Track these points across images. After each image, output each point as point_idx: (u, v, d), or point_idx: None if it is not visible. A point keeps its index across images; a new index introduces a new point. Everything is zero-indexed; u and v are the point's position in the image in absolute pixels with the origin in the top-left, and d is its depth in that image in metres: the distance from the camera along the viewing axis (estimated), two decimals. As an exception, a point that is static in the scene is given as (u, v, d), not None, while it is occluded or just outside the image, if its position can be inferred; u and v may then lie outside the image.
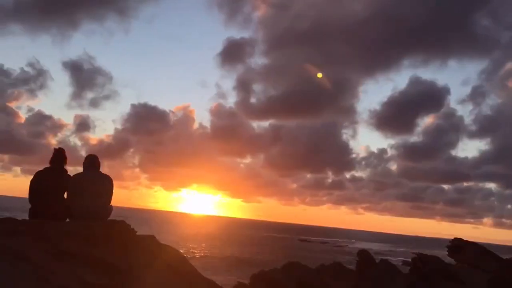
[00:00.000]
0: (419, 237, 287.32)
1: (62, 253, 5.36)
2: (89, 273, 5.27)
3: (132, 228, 6.32)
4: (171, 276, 6.47)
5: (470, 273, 15.27)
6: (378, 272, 15.22)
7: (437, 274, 14.41)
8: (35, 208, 6.43)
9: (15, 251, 5.13)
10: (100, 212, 6.45)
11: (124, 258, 5.76)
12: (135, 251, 6.18)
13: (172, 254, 6.96)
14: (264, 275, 14.78)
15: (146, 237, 6.85)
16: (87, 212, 6.27)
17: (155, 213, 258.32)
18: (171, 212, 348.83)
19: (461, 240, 17.41)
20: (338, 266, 16.58)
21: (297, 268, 15.15)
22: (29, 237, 5.45)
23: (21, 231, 5.52)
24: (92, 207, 6.33)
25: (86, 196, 6.31)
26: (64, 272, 5.12)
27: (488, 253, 16.52)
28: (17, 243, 5.28)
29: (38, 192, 6.42)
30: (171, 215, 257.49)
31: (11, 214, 30.36)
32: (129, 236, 6.23)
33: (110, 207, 6.70)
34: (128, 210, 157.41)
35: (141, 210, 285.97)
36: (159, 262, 6.39)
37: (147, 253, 6.41)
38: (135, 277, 5.75)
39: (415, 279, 14.56)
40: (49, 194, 6.39)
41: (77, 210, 6.30)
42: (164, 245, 7.00)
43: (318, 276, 15.08)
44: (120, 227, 6.19)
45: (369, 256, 16.61)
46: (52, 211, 6.26)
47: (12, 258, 5.01)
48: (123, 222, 6.32)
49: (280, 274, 14.77)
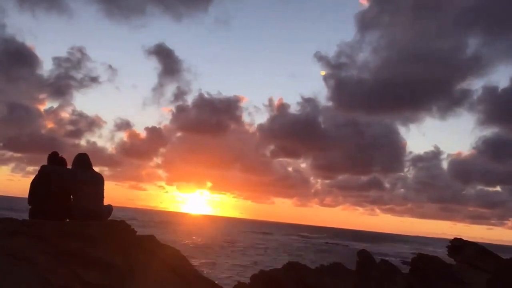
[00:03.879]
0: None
1: (62, 253, 5.36)
2: (89, 273, 5.27)
3: (132, 228, 6.33)
4: (171, 276, 6.47)
5: (470, 273, 15.27)
6: (378, 272, 15.21)
7: (437, 274, 14.41)
8: (35, 208, 6.43)
9: (15, 251, 5.13)
10: (100, 212, 6.45)
11: (124, 258, 5.77)
12: (135, 251, 6.18)
13: (172, 254, 6.97)
14: (264, 275, 14.78)
15: (146, 237, 6.85)
16: (87, 212, 6.27)
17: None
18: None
19: (461, 240, 17.41)
20: (338, 266, 16.57)
21: (297, 268, 15.16)
22: (29, 237, 5.45)
23: (21, 231, 5.52)
24: (92, 207, 6.33)
25: (86, 196, 6.31)
26: (64, 272, 5.12)
27: (488, 253, 16.51)
28: (17, 243, 5.29)
29: (38, 193, 6.42)
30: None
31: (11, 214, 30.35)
32: (129, 236, 6.23)
33: (110, 207, 6.69)
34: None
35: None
36: (159, 262, 6.39)
37: (147, 253, 6.41)
38: (135, 277, 5.75)
39: (415, 279, 14.56)
40: (49, 194, 6.39)
41: (77, 210, 6.30)
42: (164, 245, 7.00)
43: (318, 276, 15.08)
44: (120, 227, 6.19)
45: (369, 256, 16.61)
46: (52, 211, 6.26)
47: (12, 258, 5.02)
48: (123, 222, 6.32)
49: (280, 274, 14.77)
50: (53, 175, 6.45)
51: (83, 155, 6.58)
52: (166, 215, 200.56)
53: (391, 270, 15.57)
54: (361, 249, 17.81)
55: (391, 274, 15.18)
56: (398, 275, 15.35)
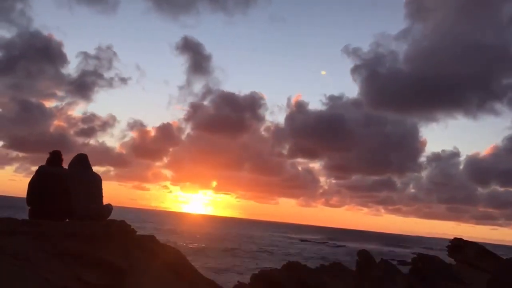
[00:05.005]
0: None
1: (62, 253, 5.36)
2: (89, 273, 5.27)
3: (132, 228, 6.32)
4: (171, 276, 6.47)
5: (470, 273, 15.27)
6: (378, 272, 15.21)
7: (437, 274, 14.41)
8: (35, 208, 6.43)
9: (15, 251, 5.13)
10: (100, 212, 6.45)
11: (124, 258, 5.76)
12: (135, 251, 6.18)
13: (172, 254, 6.97)
14: (264, 275, 14.77)
15: (146, 237, 6.85)
16: (87, 212, 6.27)
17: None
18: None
19: (461, 240, 17.42)
20: (338, 266, 16.57)
21: (297, 268, 15.15)
22: (29, 237, 5.45)
23: (21, 231, 5.52)
24: (92, 207, 6.33)
25: (85, 196, 6.31)
26: (64, 272, 5.12)
27: (488, 253, 16.52)
28: (17, 243, 5.29)
29: (37, 193, 6.41)
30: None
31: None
32: (129, 236, 6.23)
33: (110, 207, 6.69)
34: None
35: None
36: (159, 262, 6.39)
37: (147, 253, 6.42)
38: (135, 277, 5.75)
39: (415, 279, 14.55)
40: (48, 195, 6.38)
41: (77, 210, 6.30)
42: (164, 245, 7.01)
43: (318, 276, 15.07)
44: (120, 227, 6.19)
45: (369, 256, 16.61)
46: (52, 211, 6.25)
47: (12, 258, 5.02)
48: (123, 222, 6.32)
49: (280, 274, 14.76)
50: (52, 176, 6.46)
51: (82, 155, 6.60)
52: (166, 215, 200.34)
53: (391, 270, 15.57)
54: (361, 249, 17.82)
55: (391, 274, 15.18)
56: (398, 275, 15.34)
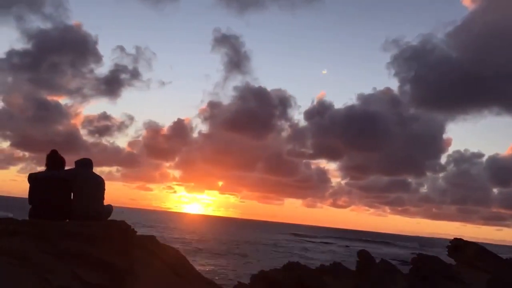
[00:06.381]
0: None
1: (62, 253, 5.36)
2: (89, 273, 5.27)
3: (132, 228, 6.33)
4: (171, 276, 6.48)
5: (470, 273, 15.27)
6: (378, 272, 15.21)
7: (437, 274, 14.41)
8: (35, 208, 6.43)
9: (15, 251, 5.13)
10: (100, 212, 6.45)
11: (124, 258, 5.76)
12: (135, 251, 6.18)
13: (172, 254, 6.98)
14: (264, 275, 14.76)
15: (146, 237, 6.86)
16: (87, 212, 6.27)
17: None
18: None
19: (461, 240, 17.42)
20: (338, 266, 16.57)
21: (297, 268, 15.14)
22: (29, 237, 5.45)
23: (21, 231, 5.52)
24: (92, 207, 6.33)
25: (86, 197, 6.32)
26: (64, 272, 5.12)
27: (488, 253, 16.52)
28: (17, 243, 5.29)
29: (37, 193, 6.42)
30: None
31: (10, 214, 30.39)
32: (129, 236, 6.23)
33: (110, 207, 6.70)
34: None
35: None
36: (159, 262, 6.40)
37: (147, 253, 6.42)
38: (135, 277, 5.76)
39: (415, 279, 14.55)
40: (49, 195, 6.38)
41: (77, 210, 6.31)
42: (164, 245, 7.01)
43: (318, 276, 15.07)
44: (120, 227, 6.19)
45: (369, 256, 16.61)
46: (52, 212, 6.26)
47: (12, 258, 5.02)
48: (123, 222, 6.32)
49: (280, 274, 14.75)
50: (53, 176, 6.46)
51: (87, 159, 6.74)
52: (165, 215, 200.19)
53: (391, 270, 15.58)
54: (361, 249, 17.82)
55: (391, 274, 15.19)
56: (398, 275, 15.35)
